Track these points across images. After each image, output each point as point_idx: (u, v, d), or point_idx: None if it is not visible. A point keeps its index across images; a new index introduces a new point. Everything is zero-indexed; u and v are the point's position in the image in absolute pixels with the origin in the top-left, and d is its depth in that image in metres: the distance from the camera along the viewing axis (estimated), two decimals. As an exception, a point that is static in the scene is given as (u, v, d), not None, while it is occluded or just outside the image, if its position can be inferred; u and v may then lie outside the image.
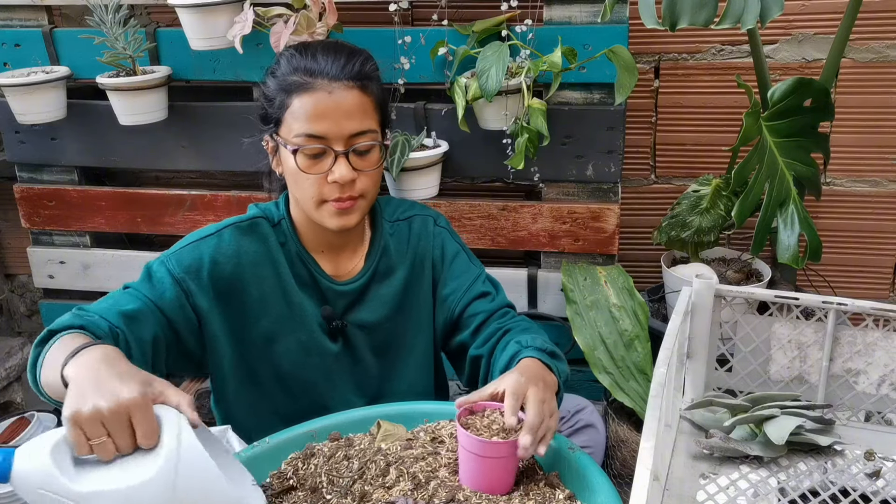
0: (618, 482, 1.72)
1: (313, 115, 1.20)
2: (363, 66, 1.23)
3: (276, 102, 1.24)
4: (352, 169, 1.21)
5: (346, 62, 1.22)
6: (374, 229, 1.38)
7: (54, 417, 2.09)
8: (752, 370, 1.27)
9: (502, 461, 1.00)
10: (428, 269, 1.39)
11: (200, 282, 1.26)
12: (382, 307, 1.37)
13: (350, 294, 1.34)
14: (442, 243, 1.40)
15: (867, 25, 1.93)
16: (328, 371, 1.35)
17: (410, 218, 1.41)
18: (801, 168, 1.70)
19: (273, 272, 1.31)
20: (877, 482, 1.08)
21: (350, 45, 1.27)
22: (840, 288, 2.12)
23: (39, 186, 2.18)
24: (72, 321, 1.11)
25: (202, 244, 1.29)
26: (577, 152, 1.89)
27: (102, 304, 1.19)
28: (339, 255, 1.35)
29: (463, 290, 1.37)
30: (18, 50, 2.05)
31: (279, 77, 1.24)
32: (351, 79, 1.21)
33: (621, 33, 1.77)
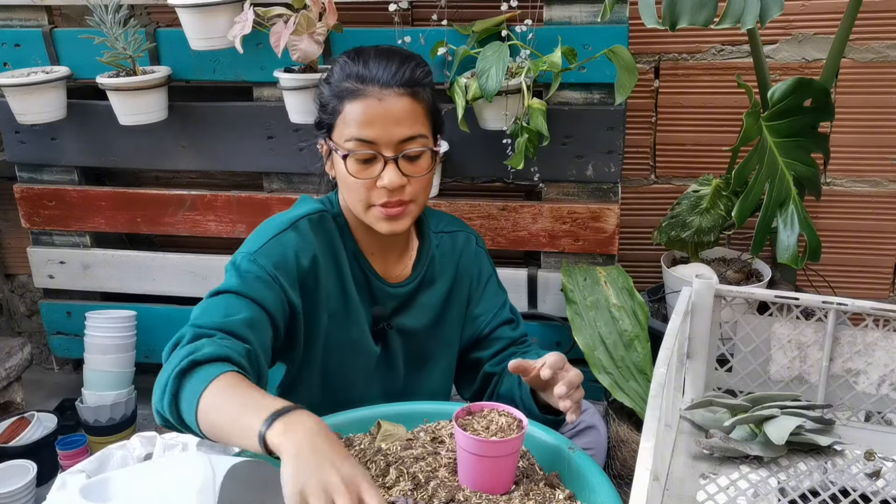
0: (618, 482, 1.72)
1: (364, 121, 1.21)
2: (414, 72, 1.23)
3: (329, 108, 1.25)
4: (401, 175, 1.22)
5: (398, 69, 1.22)
6: (421, 238, 1.40)
7: (54, 417, 2.09)
8: (752, 370, 1.27)
9: (501, 460, 1.00)
10: (466, 286, 1.42)
11: (290, 277, 1.24)
12: (424, 315, 1.39)
13: (399, 297, 1.36)
14: (480, 263, 1.45)
15: (867, 25, 1.93)
16: (368, 372, 1.37)
17: (455, 233, 1.44)
18: (801, 168, 1.70)
19: (336, 267, 1.31)
20: (877, 482, 1.08)
21: (403, 51, 1.28)
22: (840, 288, 2.12)
23: (39, 186, 2.18)
24: (214, 351, 1.06)
25: (283, 238, 1.25)
26: (577, 152, 1.89)
27: (215, 316, 1.14)
28: (388, 258, 1.36)
29: (493, 314, 1.42)
30: (18, 50, 2.05)
31: (333, 84, 1.25)
32: (402, 86, 1.21)
33: (621, 33, 1.77)
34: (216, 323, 1.12)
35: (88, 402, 2.09)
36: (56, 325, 2.29)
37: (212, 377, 1.02)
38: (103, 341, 2.09)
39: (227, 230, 2.12)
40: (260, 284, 1.20)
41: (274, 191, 2.08)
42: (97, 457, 1.26)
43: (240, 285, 1.19)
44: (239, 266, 1.22)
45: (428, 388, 1.42)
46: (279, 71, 1.82)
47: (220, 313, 1.14)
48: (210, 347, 1.07)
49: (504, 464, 1.01)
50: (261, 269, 1.21)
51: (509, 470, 1.02)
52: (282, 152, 2.02)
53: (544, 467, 1.08)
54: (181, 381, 1.05)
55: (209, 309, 1.16)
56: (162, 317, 2.20)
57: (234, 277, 1.21)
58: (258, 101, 2.01)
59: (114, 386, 2.11)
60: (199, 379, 1.03)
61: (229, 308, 1.16)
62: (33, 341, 2.48)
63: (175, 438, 1.28)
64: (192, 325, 1.13)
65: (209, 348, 1.06)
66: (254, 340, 1.14)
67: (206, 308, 1.16)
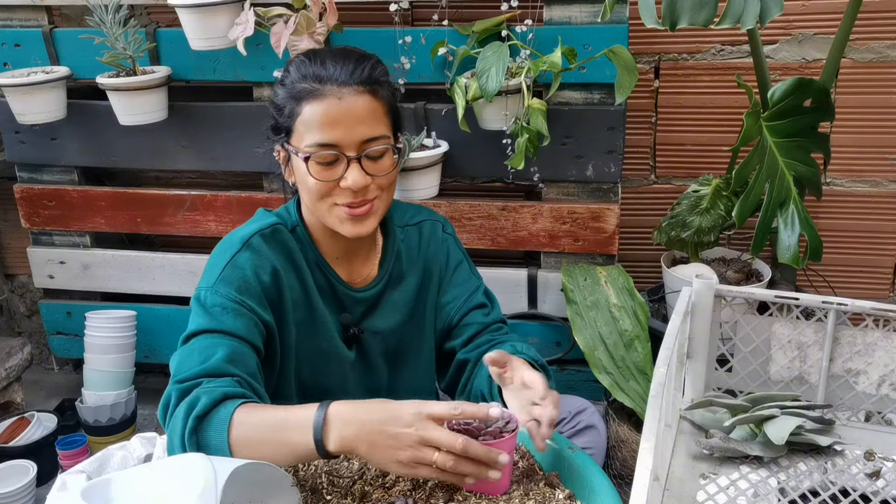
0: (618, 482, 1.72)
1: (324, 123, 1.18)
2: (373, 70, 1.21)
3: (285, 111, 1.22)
4: (365, 174, 1.19)
5: (356, 67, 1.20)
6: (385, 235, 1.38)
7: (54, 417, 2.09)
8: (752, 370, 1.27)
9: None
10: (436, 276, 1.40)
11: (255, 297, 1.21)
12: (396, 313, 1.36)
13: (366, 301, 1.34)
14: (448, 250, 1.41)
15: (867, 25, 1.93)
16: (344, 378, 1.35)
17: (420, 223, 1.41)
18: (801, 168, 1.70)
19: (297, 279, 1.29)
20: (877, 482, 1.08)
21: (359, 51, 1.26)
22: (840, 288, 2.12)
23: (39, 186, 2.18)
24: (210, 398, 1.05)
25: (239, 260, 1.23)
26: (577, 152, 1.89)
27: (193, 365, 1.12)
28: (353, 262, 1.34)
29: (463, 300, 1.39)
30: (18, 50, 2.05)
31: (288, 85, 1.22)
32: (361, 83, 1.19)
33: (621, 33, 1.77)
34: (196, 371, 1.10)
35: (88, 402, 2.09)
36: (56, 325, 2.29)
37: (226, 422, 1.02)
38: (103, 341, 2.09)
39: (227, 230, 2.11)
40: (228, 315, 1.17)
41: (274, 191, 2.08)
42: (97, 457, 1.26)
43: (209, 322, 1.17)
44: (204, 302, 1.20)
45: (412, 383, 1.40)
46: (279, 71, 1.82)
47: (197, 360, 1.12)
48: (205, 397, 1.05)
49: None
50: (225, 299, 1.18)
51: (506, 471, 1.02)
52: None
53: (544, 467, 1.08)
54: (199, 441, 1.03)
55: (185, 359, 1.13)
56: (162, 317, 2.20)
57: (201, 315, 1.18)
58: (258, 101, 2.01)
59: (114, 386, 2.11)
60: (216, 429, 1.03)
61: (205, 351, 1.13)
62: (33, 341, 2.48)
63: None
64: (175, 383, 1.10)
65: (204, 398, 1.05)
66: (239, 372, 1.12)
67: (182, 358, 1.14)
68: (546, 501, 0.99)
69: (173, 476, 0.92)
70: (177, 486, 0.89)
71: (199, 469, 0.89)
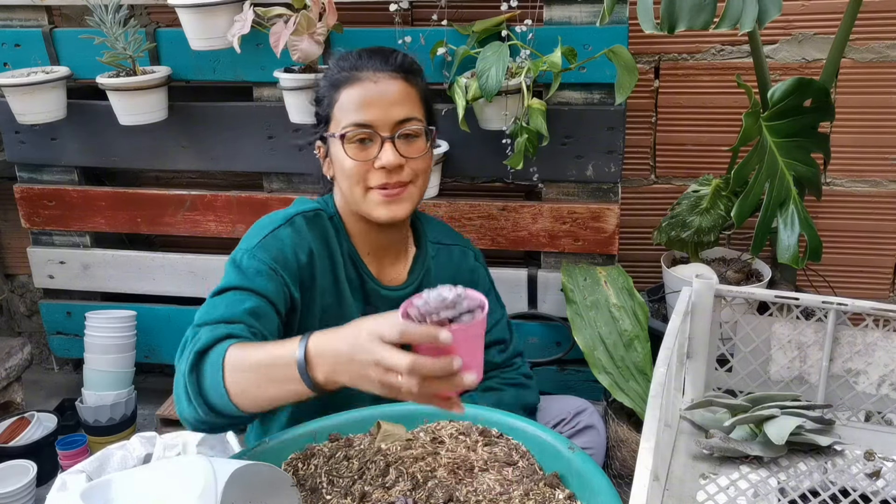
0: (618, 482, 1.72)
1: (360, 104, 1.23)
2: (405, 59, 1.28)
3: (325, 102, 1.28)
4: (398, 154, 1.23)
5: (390, 56, 1.27)
6: (417, 246, 1.40)
7: (54, 417, 2.09)
8: (752, 370, 1.27)
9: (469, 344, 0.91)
10: None
11: (290, 271, 1.24)
12: None
13: (393, 301, 1.34)
14: (477, 280, 1.44)
15: (867, 25, 1.93)
16: None
17: (451, 246, 1.44)
18: (801, 168, 1.70)
19: (330, 265, 1.31)
20: (877, 482, 1.08)
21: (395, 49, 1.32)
22: (840, 288, 2.12)
23: (39, 186, 2.18)
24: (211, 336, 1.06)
25: (280, 233, 1.25)
26: (577, 152, 1.89)
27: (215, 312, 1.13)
28: (383, 260, 1.36)
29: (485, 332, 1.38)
30: (18, 50, 2.05)
31: (328, 76, 1.29)
32: (395, 70, 1.25)
33: (621, 33, 1.77)
34: (217, 317, 1.12)
35: (88, 402, 2.09)
36: (56, 325, 2.29)
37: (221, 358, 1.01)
38: (103, 341, 2.09)
39: (227, 230, 2.12)
40: (261, 278, 1.19)
41: (274, 191, 2.08)
42: (97, 457, 1.26)
43: (240, 280, 1.18)
44: (239, 262, 1.22)
45: None
46: (279, 71, 1.82)
47: (221, 309, 1.14)
48: (207, 334, 1.06)
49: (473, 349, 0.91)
50: (261, 263, 1.20)
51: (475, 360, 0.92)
52: (282, 152, 2.02)
53: (544, 468, 1.08)
54: (197, 379, 1.04)
55: (210, 308, 1.15)
56: (162, 317, 2.20)
57: (234, 274, 1.20)
58: (258, 101, 2.01)
59: (114, 386, 2.11)
60: (212, 366, 1.02)
61: (231, 303, 1.15)
62: (33, 341, 2.48)
63: (175, 438, 1.29)
64: (194, 326, 1.12)
65: (206, 335, 1.06)
66: (259, 326, 1.13)
67: (207, 308, 1.16)
68: (546, 501, 0.99)
69: (173, 477, 0.92)
70: (177, 486, 0.90)
71: (199, 470, 0.89)
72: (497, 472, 1.04)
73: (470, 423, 1.14)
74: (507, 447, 1.09)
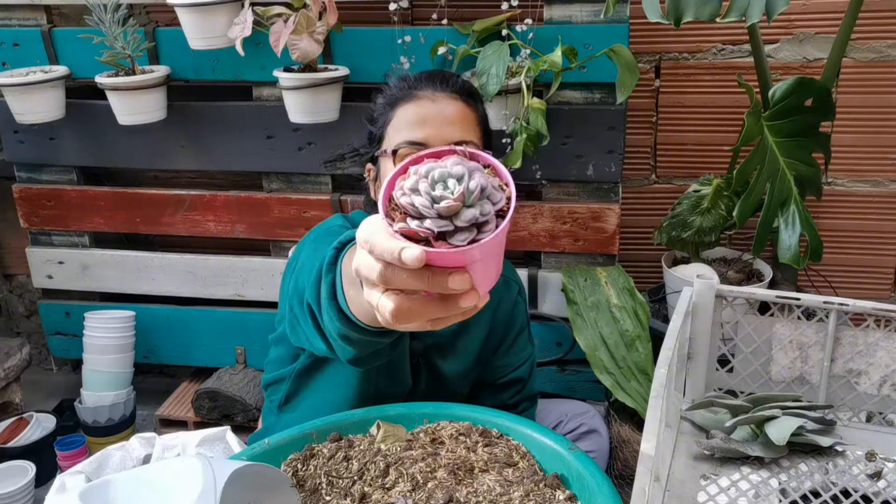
0: (619, 483, 1.71)
1: (415, 122, 1.19)
2: (466, 82, 1.26)
3: (379, 121, 1.24)
4: None
5: (451, 78, 1.25)
6: None
7: (53, 418, 2.08)
8: (753, 371, 1.26)
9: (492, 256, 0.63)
10: (500, 334, 1.38)
11: None
12: (462, 361, 1.34)
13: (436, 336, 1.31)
14: (516, 314, 1.40)
15: (868, 25, 1.93)
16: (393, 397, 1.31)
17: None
18: (802, 168, 1.70)
19: None
20: (878, 483, 1.07)
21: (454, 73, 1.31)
22: (841, 288, 2.11)
23: (38, 186, 2.17)
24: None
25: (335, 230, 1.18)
26: (578, 152, 1.88)
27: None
28: None
29: (511, 369, 1.38)
30: (17, 49, 2.04)
31: (386, 94, 1.25)
32: (455, 91, 1.23)
33: (622, 33, 1.77)
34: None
35: (87, 403, 2.09)
36: (55, 326, 2.28)
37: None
38: (102, 342, 2.09)
39: (227, 230, 2.12)
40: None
41: (273, 191, 2.08)
42: (96, 457, 1.26)
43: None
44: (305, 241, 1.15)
45: None
46: (279, 70, 1.81)
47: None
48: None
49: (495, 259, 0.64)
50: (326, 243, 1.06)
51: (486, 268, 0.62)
52: (281, 152, 2.02)
53: (545, 469, 1.08)
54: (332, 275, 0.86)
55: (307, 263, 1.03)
56: (161, 317, 2.20)
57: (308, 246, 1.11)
58: (258, 100, 2.00)
59: (113, 386, 2.10)
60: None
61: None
62: (32, 342, 2.47)
63: (174, 439, 1.28)
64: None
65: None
66: None
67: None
68: (546, 503, 0.99)
69: (173, 477, 0.92)
70: (176, 487, 0.89)
71: (199, 470, 0.89)
72: (497, 473, 1.03)
73: (470, 423, 1.14)
74: (507, 448, 1.09)
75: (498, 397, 1.39)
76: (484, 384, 1.40)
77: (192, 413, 2.09)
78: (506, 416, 1.15)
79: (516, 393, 1.39)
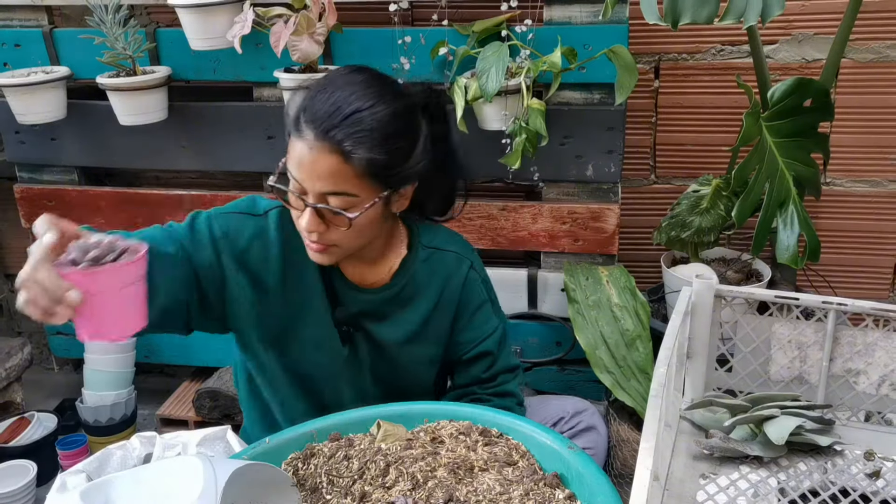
0: (618, 482, 1.72)
1: (296, 162, 1.18)
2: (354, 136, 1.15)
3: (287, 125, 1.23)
4: (319, 221, 1.19)
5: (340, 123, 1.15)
6: (409, 249, 1.36)
7: (54, 417, 2.09)
8: (752, 370, 1.27)
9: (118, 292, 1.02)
10: (451, 311, 1.37)
11: (234, 251, 1.26)
12: (400, 330, 1.35)
13: (367, 303, 1.33)
14: (471, 291, 1.38)
15: (867, 26, 1.93)
16: (335, 371, 1.36)
17: (446, 252, 1.38)
18: (800, 168, 1.70)
19: (301, 260, 1.29)
20: (877, 482, 1.08)
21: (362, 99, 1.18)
22: (840, 288, 2.12)
23: (39, 186, 2.18)
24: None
25: (248, 220, 1.29)
26: (577, 152, 1.89)
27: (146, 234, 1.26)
28: (358, 265, 1.34)
29: (473, 344, 1.38)
30: (18, 50, 2.05)
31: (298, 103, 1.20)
32: (335, 144, 1.15)
33: (621, 33, 1.77)
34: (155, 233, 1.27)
35: (88, 403, 2.09)
36: (56, 326, 2.28)
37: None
38: (103, 341, 2.09)
39: (227, 230, 2.12)
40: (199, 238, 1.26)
41: (274, 191, 2.08)
42: (97, 457, 1.26)
43: (183, 230, 1.27)
44: (196, 218, 1.28)
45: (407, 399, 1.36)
46: (279, 71, 1.82)
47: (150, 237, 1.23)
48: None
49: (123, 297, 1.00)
50: (208, 230, 1.26)
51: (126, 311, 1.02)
52: (282, 152, 2.00)
53: (544, 468, 1.08)
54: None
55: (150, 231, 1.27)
56: (162, 317, 2.20)
57: (186, 223, 1.28)
58: (258, 101, 2.01)
59: (114, 386, 2.11)
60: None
61: (161, 241, 1.24)
62: (33, 341, 2.48)
63: (175, 438, 1.28)
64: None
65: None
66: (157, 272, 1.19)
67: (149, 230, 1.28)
68: (546, 502, 0.99)
69: (173, 477, 0.92)
70: (177, 486, 0.89)
71: (199, 470, 0.89)
72: (497, 472, 1.04)
73: (470, 422, 1.14)
74: (507, 447, 1.09)
75: (470, 373, 1.38)
76: (453, 362, 1.40)
77: (192, 412, 2.09)
78: (505, 416, 1.15)
79: (488, 367, 1.38)
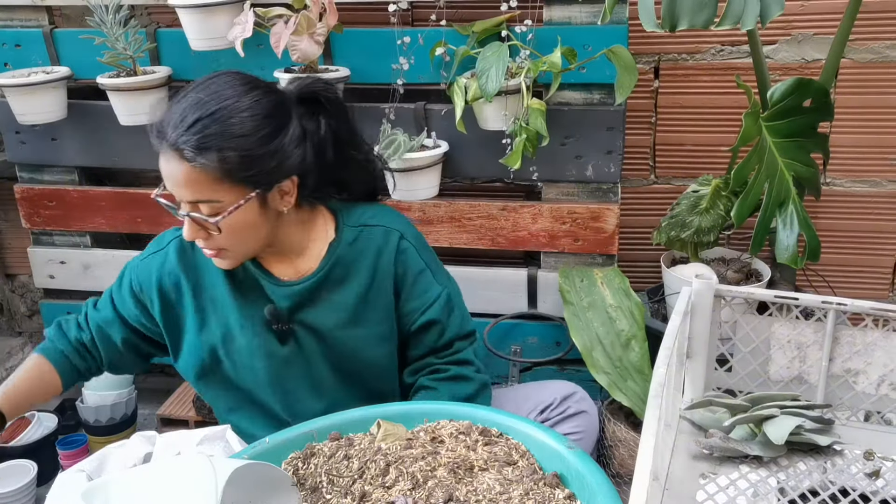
0: (617, 482, 1.72)
1: (163, 175, 1.23)
2: (200, 138, 1.16)
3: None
4: (197, 229, 1.22)
5: (185, 131, 1.17)
6: (336, 232, 1.36)
7: (55, 417, 2.09)
8: (751, 370, 1.27)
9: None
10: (389, 284, 1.35)
11: (152, 296, 1.36)
12: (334, 313, 1.34)
13: (295, 295, 1.32)
14: (406, 261, 1.35)
15: (867, 26, 1.93)
16: (278, 374, 1.35)
17: (375, 227, 1.36)
18: (800, 168, 1.70)
19: (220, 276, 1.32)
20: (876, 482, 1.08)
21: (210, 104, 1.19)
22: (839, 288, 2.12)
23: (40, 186, 2.18)
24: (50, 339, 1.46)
25: (152, 261, 1.38)
26: (577, 152, 1.89)
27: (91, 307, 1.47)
28: (283, 259, 1.34)
29: (419, 312, 1.36)
30: (19, 50, 2.05)
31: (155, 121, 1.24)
32: (185, 151, 1.17)
33: (621, 33, 1.77)
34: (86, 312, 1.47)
35: (89, 402, 2.10)
36: (56, 326, 2.29)
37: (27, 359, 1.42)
38: (103, 341, 2.09)
39: (228, 230, 2.12)
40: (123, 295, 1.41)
41: (274, 191, 2.08)
42: (97, 456, 1.26)
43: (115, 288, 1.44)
44: (123, 272, 1.43)
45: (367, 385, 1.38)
46: (279, 71, 1.82)
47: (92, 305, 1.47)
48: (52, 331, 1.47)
49: None
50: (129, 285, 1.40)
51: None
52: (282, 152, 2.02)
53: (544, 467, 1.08)
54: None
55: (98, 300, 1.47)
56: (162, 317, 2.20)
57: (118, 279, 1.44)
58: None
59: (114, 386, 2.11)
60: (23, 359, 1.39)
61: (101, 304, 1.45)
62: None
63: (175, 437, 1.29)
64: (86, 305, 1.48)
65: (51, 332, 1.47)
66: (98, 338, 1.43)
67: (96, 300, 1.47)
68: (546, 501, 0.99)
69: (173, 477, 0.92)
70: (177, 486, 0.90)
71: (199, 470, 0.90)
72: (497, 472, 1.04)
73: (470, 422, 1.14)
74: (506, 447, 1.09)
75: (423, 343, 1.37)
76: (405, 336, 1.38)
77: (193, 412, 2.10)
78: (505, 415, 1.16)
79: (439, 335, 1.36)
